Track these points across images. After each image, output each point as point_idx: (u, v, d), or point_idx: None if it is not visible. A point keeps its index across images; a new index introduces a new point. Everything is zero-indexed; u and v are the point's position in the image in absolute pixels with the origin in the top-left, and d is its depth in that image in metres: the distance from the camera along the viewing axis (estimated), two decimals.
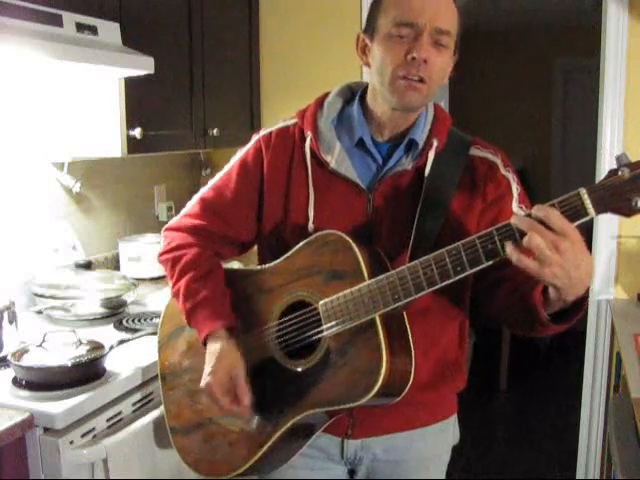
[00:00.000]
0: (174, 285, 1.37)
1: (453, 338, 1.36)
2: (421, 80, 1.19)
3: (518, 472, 3.08)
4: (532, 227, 1.00)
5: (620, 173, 0.98)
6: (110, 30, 1.82)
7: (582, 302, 1.07)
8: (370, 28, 1.25)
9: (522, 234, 1.02)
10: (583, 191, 0.99)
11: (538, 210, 1.00)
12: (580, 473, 2.71)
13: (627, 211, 0.98)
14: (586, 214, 0.99)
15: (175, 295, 1.37)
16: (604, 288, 2.56)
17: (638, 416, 1.55)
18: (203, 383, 1.28)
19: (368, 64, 1.28)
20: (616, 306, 2.49)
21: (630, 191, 0.97)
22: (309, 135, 1.31)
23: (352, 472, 1.43)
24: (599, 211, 0.99)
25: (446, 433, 1.44)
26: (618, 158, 0.99)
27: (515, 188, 1.29)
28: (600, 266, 2.55)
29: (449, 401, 1.43)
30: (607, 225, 2.52)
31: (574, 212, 1.00)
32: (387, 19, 1.20)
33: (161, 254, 1.41)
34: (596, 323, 2.60)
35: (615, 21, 2.43)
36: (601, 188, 0.98)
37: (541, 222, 0.99)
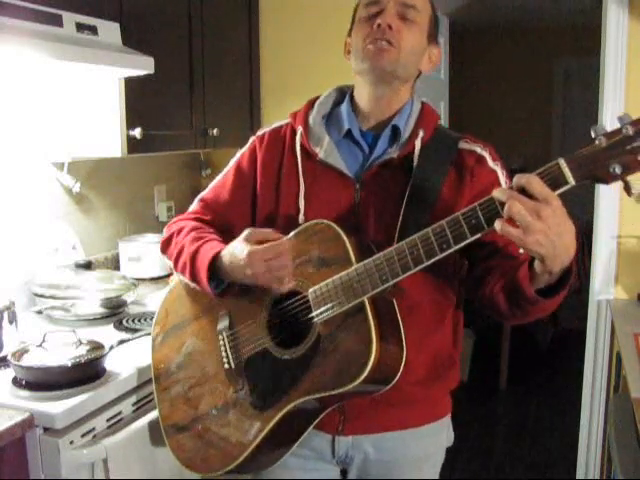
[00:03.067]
0: (177, 244, 1.39)
1: (447, 334, 1.37)
2: (389, 43, 1.25)
3: (518, 472, 3.08)
4: (512, 196, 1.00)
5: (597, 142, 1.00)
6: (110, 30, 1.82)
7: (568, 275, 1.08)
8: (350, 29, 1.35)
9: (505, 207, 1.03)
10: (562, 160, 1.01)
11: (519, 178, 1.01)
12: (580, 473, 2.71)
13: (606, 178, 1.00)
14: (566, 182, 1.00)
15: (179, 253, 1.37)
16: (604, 288, 2.56)
17: (638, 416, 1.55)
18: (245, 256, 1.22)
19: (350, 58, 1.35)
20: (616, 306, 2.49)
21: (608, 158, 0.98)
22: (299, 129, 1.36)
23: (344, 472, 1.43)
24: (578, 179, 1.00)
25: (439, 434, 1.44)
26: (596, 129, 1.01)
27: (504, 181, 1.31)
28: (600, 266, 2.55)
29: (443, 401, 1.43)
30: (607, 225, 2.52)
31: (554, 181, 1.01)
32: (359, 8, 1.33)
33: (163, 238, 1.46)
34: (596, 323, 2.60)
35: (615, 21, 2.43)
36: (579, 156, 1.00)
37: (522, 191, 1.00)
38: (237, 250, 1.26)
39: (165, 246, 1.45)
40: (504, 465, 3.15)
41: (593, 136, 1.01)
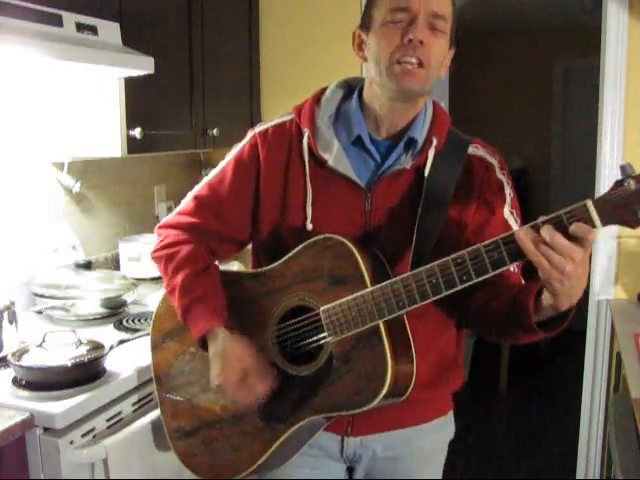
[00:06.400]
0: (169, 283, 1.36)
1: (451, 336, 1.37)
2: (419, 64, 1.18)
3: (518, 472, 3.08)
4: (537, 250, 1.00)
5: (626, 184, 0.97)
6: (110, 30, 1.82)
7: (569, 313, 1.08)
8: (366, 22, 1.26)
9: None
10: (589, 203, 0.98)
11: (545, 232, 0.99)
12: (580, 473, 2.71)
13: (633, 223, 0.98)
14: (593, 226, 0.99)
15: (171, 292, 1.35)
16: (604, 288, 2.56)
17: (638, 416, 1.55)
18: (215, 383, 1.27)
19: (365, 58, 1.27)
20: (616, 306, 2.49)
21: (636, 203, 0.97)
22: (306, 132, 1.30)
23: (351, 469, 1.43)
24: (605, 223, 0.99)
25: (444, 429, 1.45)
26: (623, 168, 0.98)
27: (508, 193, 1.29)
28: (600, 266, 2.55)
29: (447, 398, 1.44)
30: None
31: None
32: (382, 8, 1.21)
33: (154, 251, 1.40)
34: (596, 323, 2.60)
35: (615, 21, 2.43)
36: (607, 200, 0.98)
37: (545, 242, 1.00)
38: (225, 357, 1.26)
39: (156, 261, 1.40)
40: (504, 465, 3.15)
41: (622, 176, 0.98)
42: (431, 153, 1.26)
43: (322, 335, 1.21)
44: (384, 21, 1.20)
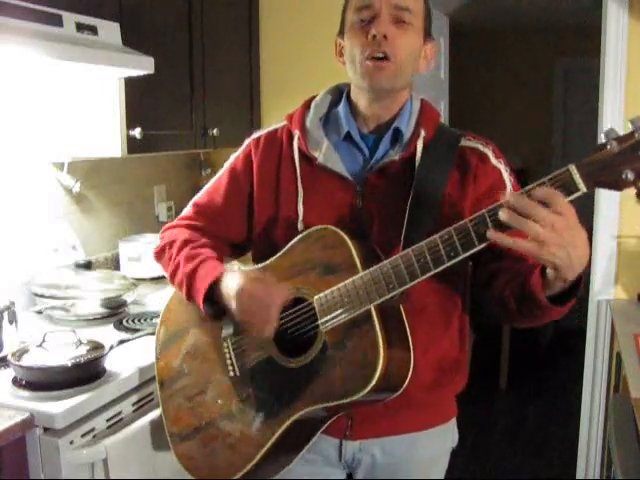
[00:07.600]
0: (173, 260, 1.38)
1: (454, 337, 1.36)
2: (386, 57, 1.22)
3: (518, 472, 3.08)
4: (528, 205, 0.98)
5: (609, 147, 0.97)
6: (110, 30, 1.82)
7: (579, 281, 1.06)
8: (341, 28, 1.32)
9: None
10: (572, 167, 0.98)
11: (537, 190, 0.98)
12: (580, 473, 2.71)
13: (618, 184, 0.97)
14: (577, 189, 0.98)
15: (175, 268, 1.37)
16: (604, 288, 2.56)
17: (638, 416, 1.55)
18: (239, 317, 1.25)
19: (344, 63, 1.31)
20: (616, 306, 2.49)
21: (620, 164, 0.96)
22: (297, 133, 1.34)
23: (350, 476, 1.42)
24: (590, 186, 0.98)
25: (446, 436, 1.43)
26: (606, 133, 0.98)
27: (508, 178, 1.29)
28: (600, 266, 2.55)
29: (449, 403, 1.42)
30: (607, 225, 2.52)
31: (565, 188, 0.98)
32: (350, 11, 1.28)
33: (157, 248, 1.45)
34: (596, 323, 2.60)
35: (615, 21, 2.43)
36: (590, 163, 0.98)
37: (529, 196, 0.98)
38: (233, 281, 1.25)
39: (159, 257, 1.45)
40: (504, 465, 3.15)
41: (604, 140, 0.98)
42: (419, 144, 1.28)
43: (315, 324, 1.21)
44: (352, 22, 1.27)
